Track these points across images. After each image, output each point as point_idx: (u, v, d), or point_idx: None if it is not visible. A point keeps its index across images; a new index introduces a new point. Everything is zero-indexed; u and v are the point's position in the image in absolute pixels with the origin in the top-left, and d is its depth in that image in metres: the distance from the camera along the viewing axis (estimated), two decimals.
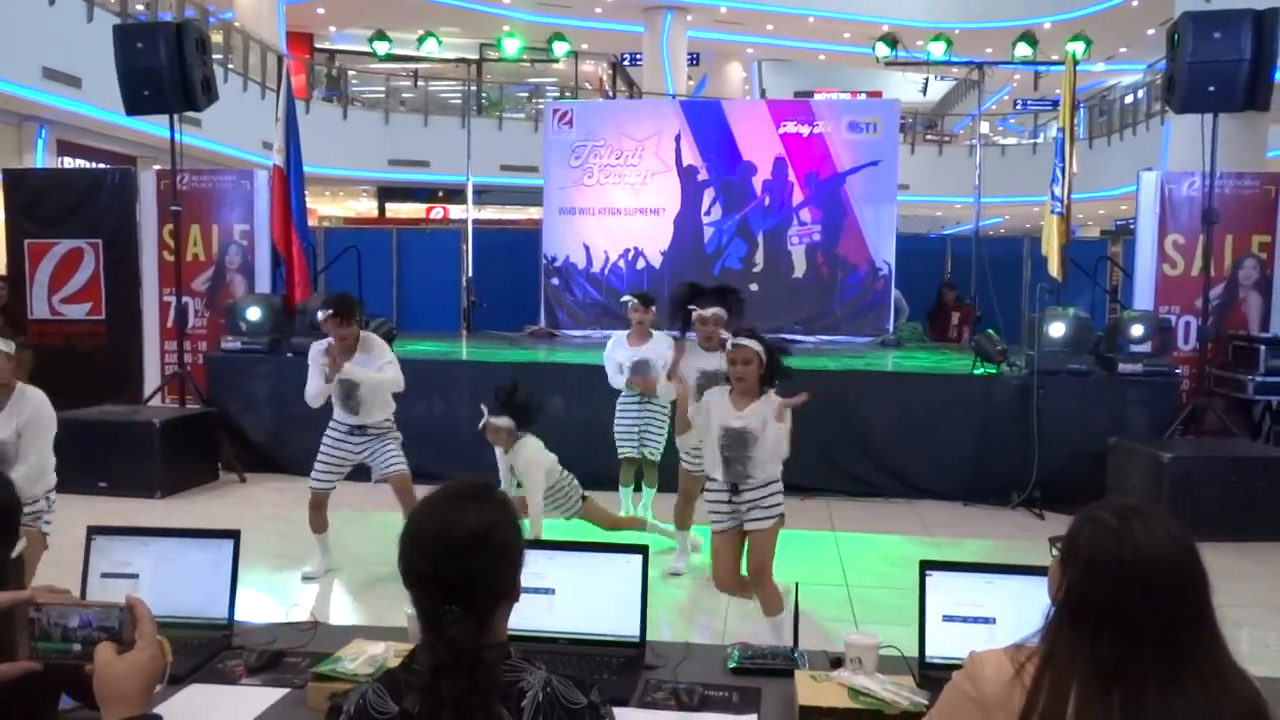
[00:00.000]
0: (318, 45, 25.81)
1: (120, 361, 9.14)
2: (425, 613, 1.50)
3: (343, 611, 5.20)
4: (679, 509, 5.59)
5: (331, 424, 5.52)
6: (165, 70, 7.88)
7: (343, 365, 5.23)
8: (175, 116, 8.24)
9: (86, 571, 2.61)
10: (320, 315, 5.38)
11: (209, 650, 2.50)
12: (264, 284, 8.99)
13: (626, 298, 6.30)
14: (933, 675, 2.27)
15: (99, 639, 1.35)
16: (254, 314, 8.32)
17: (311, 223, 12.92)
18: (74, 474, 7.09)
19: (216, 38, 16.07)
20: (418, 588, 1.52)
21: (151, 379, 9.05)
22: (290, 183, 8.72)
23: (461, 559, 1.49)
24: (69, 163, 13.76)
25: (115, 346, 9.20)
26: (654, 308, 6.26)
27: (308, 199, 9.46)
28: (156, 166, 11.15)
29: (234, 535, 2.69)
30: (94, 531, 2.67)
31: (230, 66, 16.33)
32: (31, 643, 1.37)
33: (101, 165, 13.52)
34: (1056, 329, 7.56)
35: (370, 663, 2.33)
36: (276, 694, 2.29)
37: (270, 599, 5.21)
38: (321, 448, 5.48)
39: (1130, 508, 1.51)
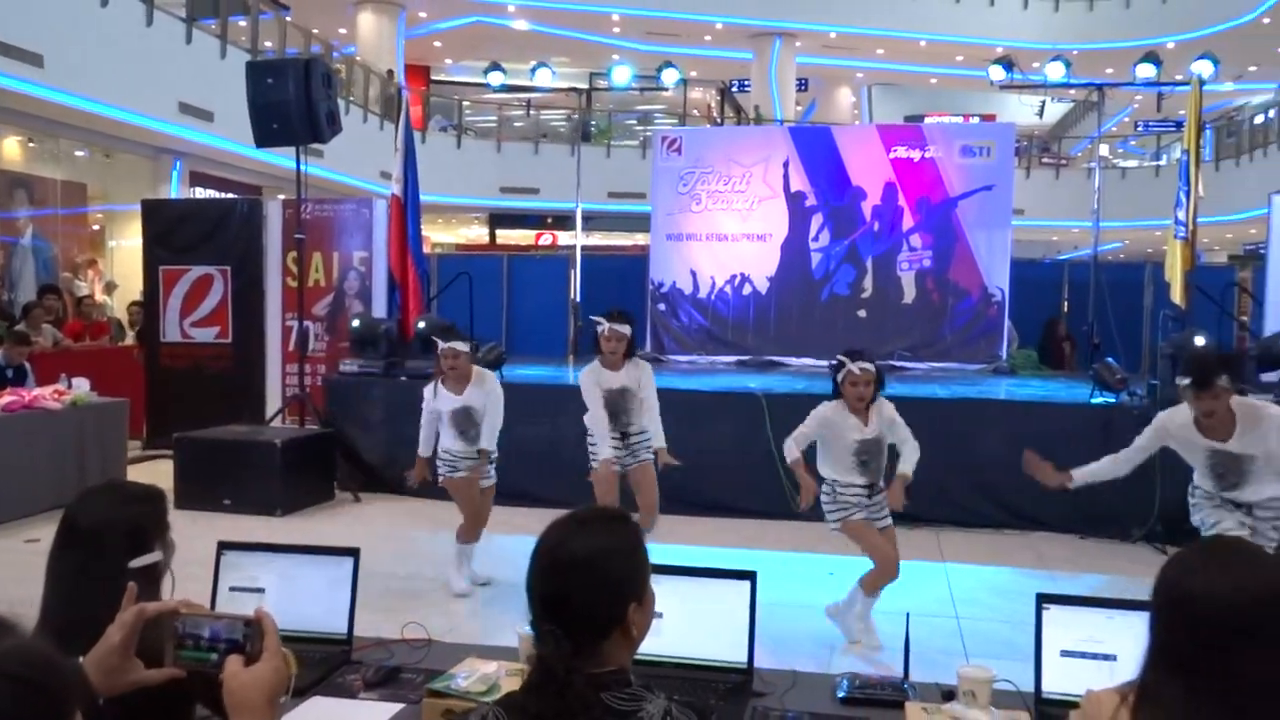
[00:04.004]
0: (434, 78, 26.59)
1: (244, 383, 9.54)
2: (534, 629, 1.53)
3: (456, 630, 5.30)
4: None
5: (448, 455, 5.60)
6: (293, 104, 8.20)
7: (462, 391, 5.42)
8: (301, 148, 8.57)
9: (216, 585, 2.73)
10: (442, 346, 5.46)
11: (329, 664, 2.58)
12: (380, 309, 9.27)
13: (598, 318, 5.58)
14: (1049, 712, 2.21)
15: (230, 650, 1.42)
16: (366, 330, 8.59)
17: (425, 249, 13.31)
18: (199, 491, 7.48)
19: (339, 70, 16.71)
20: (530, 603, 1.55)
21: (273, 400, 9.40)
22: (407, 211, 8.98)
23: (562, 580, 1.52)
24: (200, 193, 14.46)
25: (240, 369, 9.61)
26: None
27: (422, 226, 9.73)
28: (281, 196, 11.63)
29: (354, 553, 2.78)
30: (224, 547, 2.79)
31: (351, 99, 16.94)
32: (175, 651, 1.45)
33: (230, 195, 14.17)
34: (1190, 351, 7.27)
35: (483, 681, 2.38)
36: (393, 709, 2.35)
37: (383, 616, 5.34)
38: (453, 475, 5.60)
39: (1222, 545, 1.47)
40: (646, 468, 5.42)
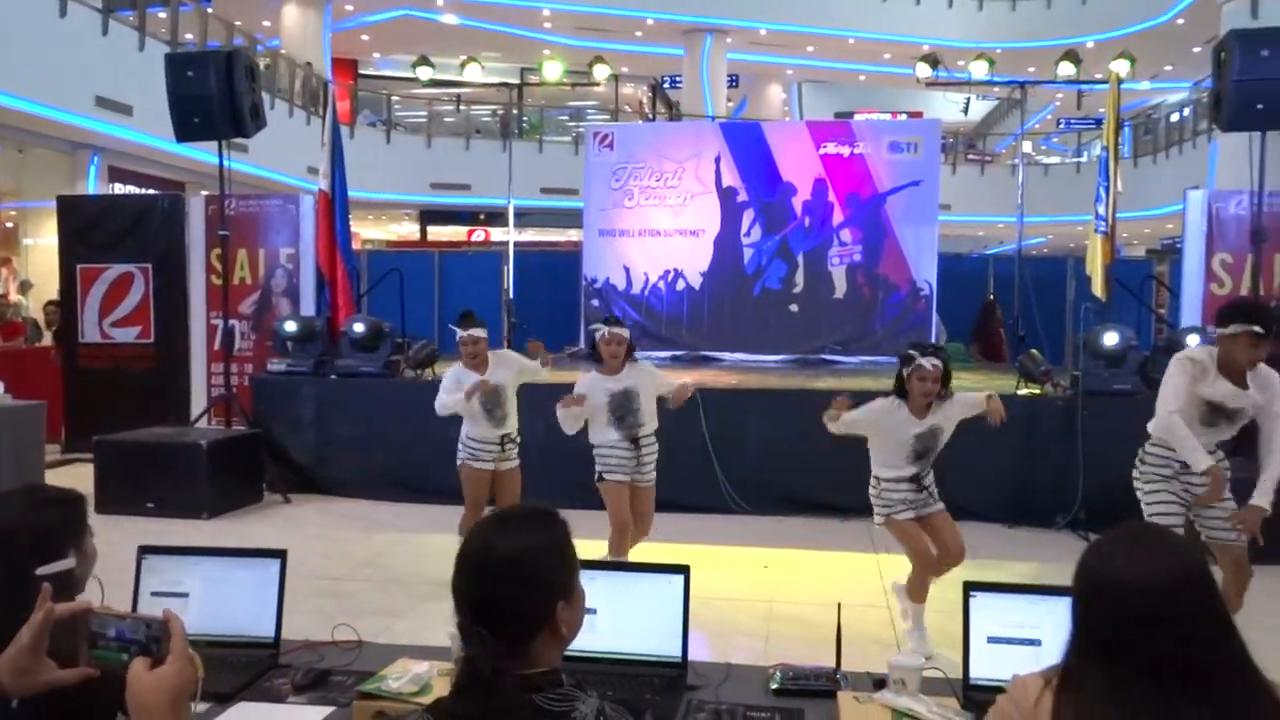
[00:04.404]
0: (362, 72, 26.23)
1: (168, 384, 9.31)
2: (462, 632, 1.51)
3: (388, 631, 5.23)
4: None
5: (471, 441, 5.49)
6: (215, 98, 8.01)
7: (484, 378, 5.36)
8: (224, 143, 8.39)
9: (138, 590, 2.66)
10: (461, 334, 5.47)
11: (256, 668, 2.53)
12: (309, 307, 9.12)
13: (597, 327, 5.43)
14: (977, 698, 2.25)
15: (141, 652, 1.38)
16: (290, 326, 8.45)
17: (355, 246, 13.11)
18: (122, 495, 7.29)
19: (262, 64, 16.39)
20: (457, 606, 1.53)
21: (198, 401, 9.19)
22: (335, 207, 8.85)
23: (491, 582, 1.50)
24: (120, 189, 14.07)
25: (163, 369, 9.37)
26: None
27: (351, 222, 9.60)
28: (205, 192, 11.38)
29: (280, 555, 2.73)
30: (145, 551, 2.72)
31: (278, 93, 16.63)
32: (89, 650, 1.41)
33: (151, 191, 13.82)
34: (1101, 348, 7.46)
35: (414, 681, 2.35)
36: (322, 712, 2.31)
37: (314, 618, 5.26)
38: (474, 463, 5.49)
39: (1136, 534, 1.51)
40: (650, 490, 5.23)
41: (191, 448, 7.51)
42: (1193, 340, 7.59)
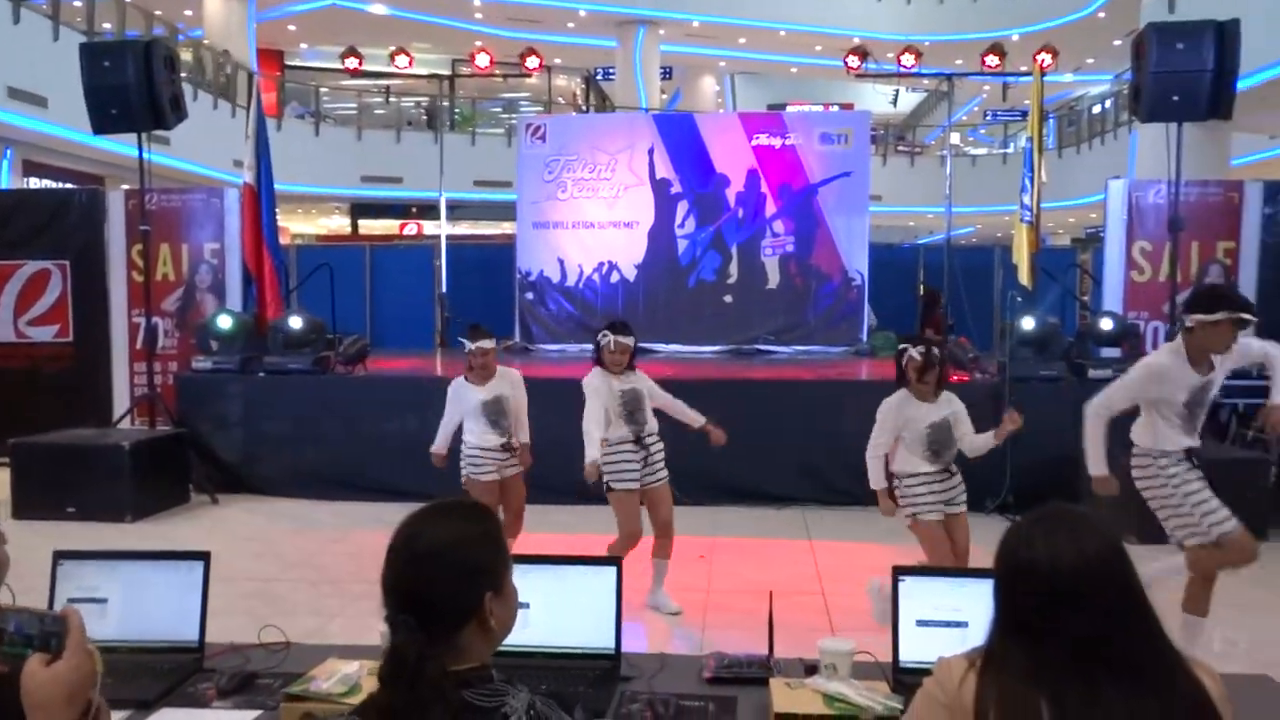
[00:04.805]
0: (289, 63, 25.74)
1: (88, 384, 9.03)
2: (388, 623, 1.49)
3: (321, 631, 5.15)
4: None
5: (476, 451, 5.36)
6: (133, 89, 7.79)
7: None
8: (144, 135, 8.16)
9: (53, 598, 2.57)
10: (471, 346, 5.30)
11: (179, 674, 2.47)
12: (235, 303, 8.92)
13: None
14: (906, 680, 2.27)
15: (37, 647, 1.33)
16: (224, 322, 8.27)
17: (283, 241, 12.88)
18: (40, 499, 7.08)
19: (185, 55, 16.01)
20: (384, 597, 1.51)
21: (121, 401, 8.95)
22: (261, 200, 8.67)
23: (417, 572, 1.49)
24: (35, 183, 13.64)
25: (83, 369, 9.09)
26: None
27: (279, 217, 9.42)
28: (125, 186, 11.06)
29: (204, 557, 2.66)
30: (60, 556, 2.63)
31: (200, 84, 16.24)
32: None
33: (69, 185, 13.42)
34: (1027, 333, 7.62)
35: (343, 682, 2.31)
36: (247, 716, 2.27)
37: (244, 620, 5.16)
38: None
39: (1051, 516, 1.54)
40: (665, 489, 5.12)
41: (113, 449, 7.31)
42: (1106, 324, 7.80)
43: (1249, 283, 8.17)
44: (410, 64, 12.59)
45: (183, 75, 9.32)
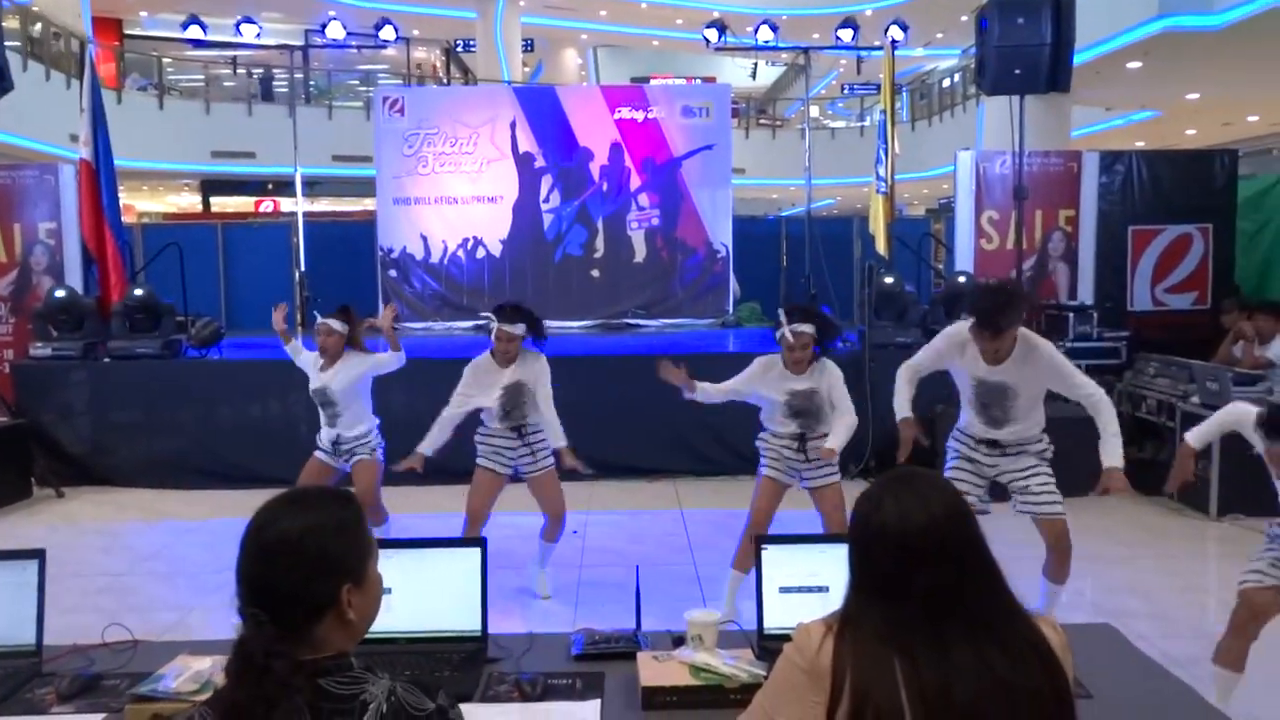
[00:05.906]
0: (128, 32, 24.40)
1: None
2: (241, 616, 1.44)
3: (179, 626, 4.94)
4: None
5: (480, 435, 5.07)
6: None
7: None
8: None
9: None
10: (498, 328, 4.86)
11: (15, 680, 2.33)
12: (75, 285, 8.44)
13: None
14: (770, 647, 2.31)
15: None
16: (60, 294, 7.83)
17: (128, 219, 12.21)
18: None
19: (13, 23, 15.00)
20: (238, 588, 1.46)
21: None
22: (100, 177, 8.21)
23: (267, 562, 1.44)
24: None
25: None
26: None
27: (123, 194, 8.93)
28: None
29: (39, 555, 2.51)
30: None
31: (30, 54, 15.24)
32: None
33: None
34: (882, 300, 7.85)
35: (194, 679, 2.22)
36: None
37: (95, 618, 4.91)
38: None
39: (898, 478, 1.60)
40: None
41: None
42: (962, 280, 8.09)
43: (1088, 247, 8.62)
44: (259, 34, 12.04)
45: (9, 44, 8.70)
